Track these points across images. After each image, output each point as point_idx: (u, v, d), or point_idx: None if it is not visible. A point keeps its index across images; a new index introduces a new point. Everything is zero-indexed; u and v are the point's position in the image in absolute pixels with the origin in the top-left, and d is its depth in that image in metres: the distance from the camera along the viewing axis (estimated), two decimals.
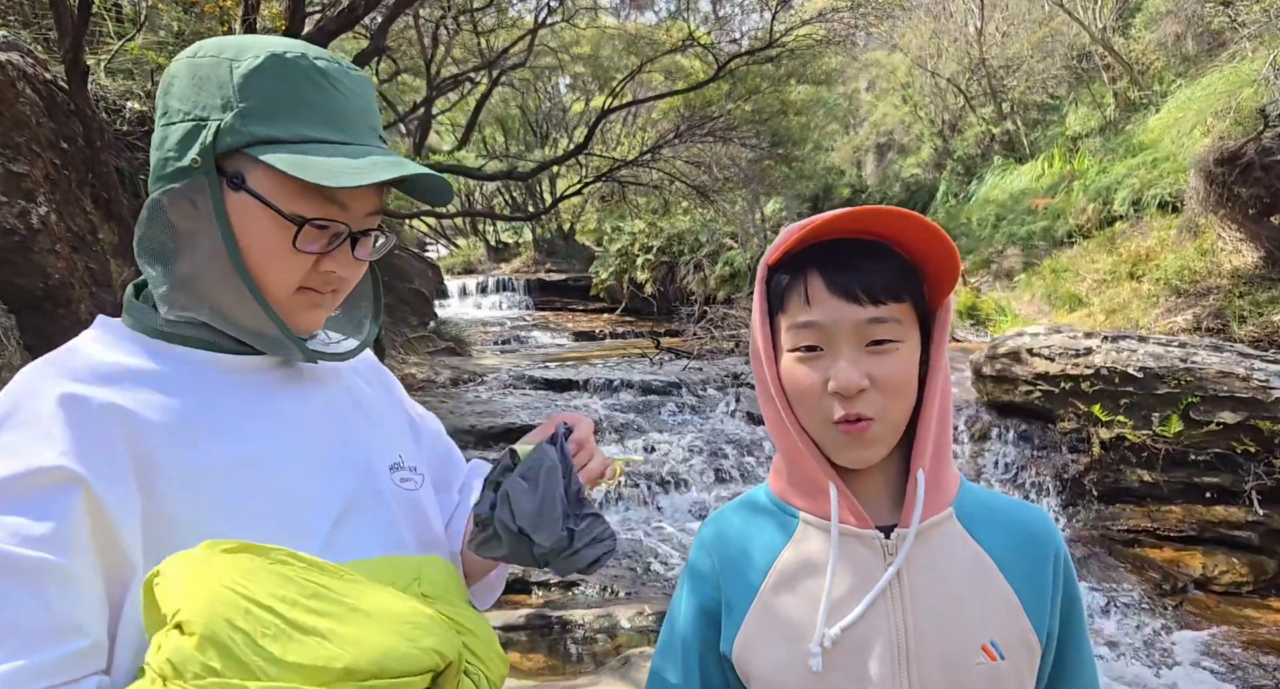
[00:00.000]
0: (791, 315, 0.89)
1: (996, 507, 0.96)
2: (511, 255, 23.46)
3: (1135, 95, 13.21)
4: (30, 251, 3.45)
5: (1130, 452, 5.45)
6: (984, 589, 0.88)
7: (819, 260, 0.88)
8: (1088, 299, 9.49)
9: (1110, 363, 5.49)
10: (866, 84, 21.49)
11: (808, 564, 0.91)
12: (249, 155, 0.79)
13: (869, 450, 0.88)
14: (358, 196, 0.84)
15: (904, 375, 0.87)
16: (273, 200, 0.80)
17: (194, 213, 0.82)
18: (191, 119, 0.80)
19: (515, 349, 13.79)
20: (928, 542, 0.89)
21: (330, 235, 0.84)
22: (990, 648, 0.86)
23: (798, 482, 0.94)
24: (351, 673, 0.62)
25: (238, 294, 0.82)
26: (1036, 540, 0.93)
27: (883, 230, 0.88)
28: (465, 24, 11.09)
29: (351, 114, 0.84)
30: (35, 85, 3.84)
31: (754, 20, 14.09)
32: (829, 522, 0.90)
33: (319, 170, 0.77)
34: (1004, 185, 14.20)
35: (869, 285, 0.86)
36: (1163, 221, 9.63)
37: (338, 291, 0.89)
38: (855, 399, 0.85)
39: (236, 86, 0.79)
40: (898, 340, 0.87)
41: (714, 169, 12.42)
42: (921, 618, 0.87)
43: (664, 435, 7.41)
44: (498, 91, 14.74)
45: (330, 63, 0.84)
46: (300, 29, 4.99)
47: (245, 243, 0.81)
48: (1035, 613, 0.89)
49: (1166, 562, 5.09)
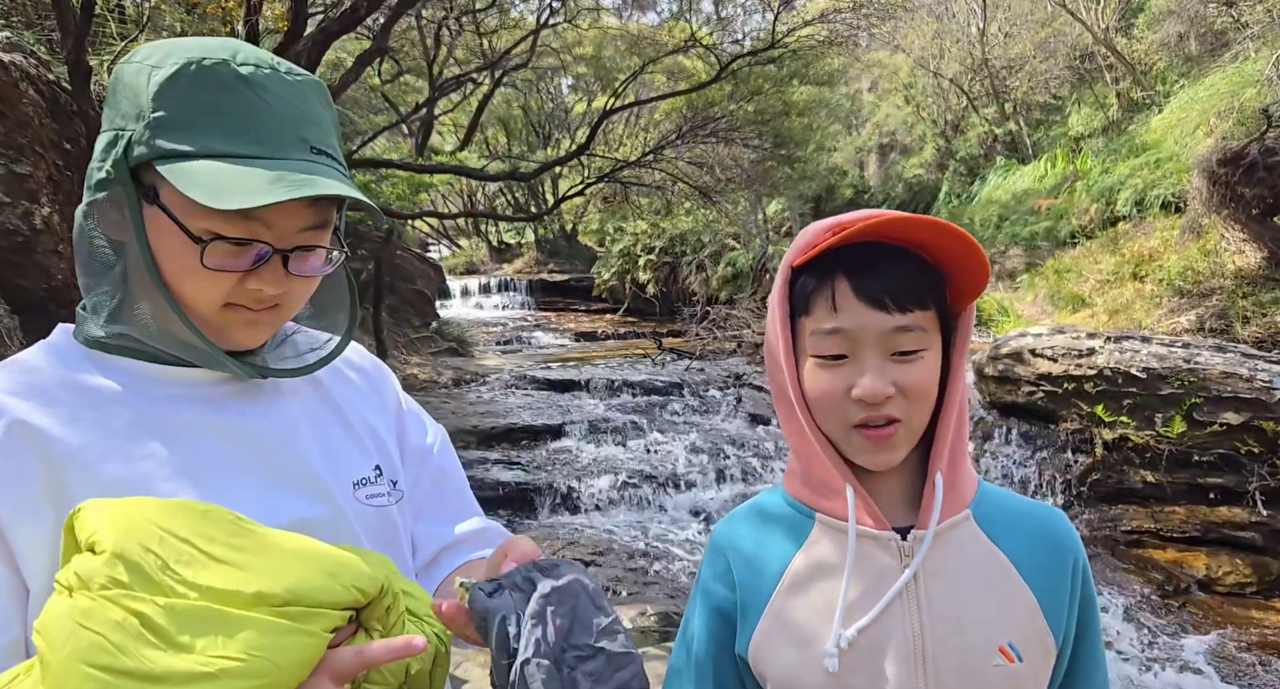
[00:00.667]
0: (817, 320, 0.88)
1: (1015, 508, 0.95)
2: (514, 256, 23.49)
3: (1138, 95, 13.19)
4: (33, 252, 3.46)
5: (1133, 452, 5.44)
6: (1002, 591, 0.88)
7: (846, 264, 0.86)
8: (1090, 300, 9.47)
9: (1113, 363, 5.48)
10: (869, 85, 21.49)
11: (823, 565, 0.91)
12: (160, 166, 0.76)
13: (891, 454, 0.88)
14: (283, 213, 0.77)
15: (928, 383, 0.87)
16: (181, 217, 0.75)
17: (121, 223, 0.79)
18: (112, 129, 0.78)
19: (517, 350, 13.79)
20: (945, 543, 0.89)
21: (253, 254, 0.78)
22: (1008, 650, 0.85)
23: (814, 483, 0.94)
24: (264, 598, 0.61)
25: (165, 311, 0.79)
26: (1056, 542, 0.92)
27: (910, 237, 0.87)
28: (468, 25, 11.10)
29: (274, 124, 0.78)
30: (38, 86, 3.85)
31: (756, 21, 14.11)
32: (845, 523, 0.90)
33: (207, 189, 0.72)
34: (1007, 186, 14.19)
35: (897, 293, 0.85)
36: (1166, 222, 9.61)
37: (278, 308, 0.83)
38: (880, 405, 0.85)
39: (150, 96, 0.75)
40: (923, 349, 0.86)
41: (716, 170, 12.42)
42: (938, 619, 0.86)
43: (666, 436, 7.41)
44: (500, 92, 14.75)
45: (260, 69, 0.79)
46: (303, 30, 4.99)
47: (162, 258, 0.78)
48: (1053, 615, 0.88)
49: (1170, 562, 5.08)
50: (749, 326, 11.44)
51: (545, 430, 7.43)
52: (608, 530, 5.87)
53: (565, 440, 7.34)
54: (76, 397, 0.77)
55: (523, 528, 5.86)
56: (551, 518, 6.08)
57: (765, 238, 15.75)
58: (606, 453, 7.08)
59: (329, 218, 0.83)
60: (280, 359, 0.90)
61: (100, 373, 0.80)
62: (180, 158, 0.75)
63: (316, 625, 0.63)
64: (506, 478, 6.37)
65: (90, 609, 0.56)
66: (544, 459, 6.90)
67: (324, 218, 0.82)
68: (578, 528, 5.89)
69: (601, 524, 6.00)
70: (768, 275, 15.61)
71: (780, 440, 7.18)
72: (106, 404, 0.78)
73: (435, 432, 1.07)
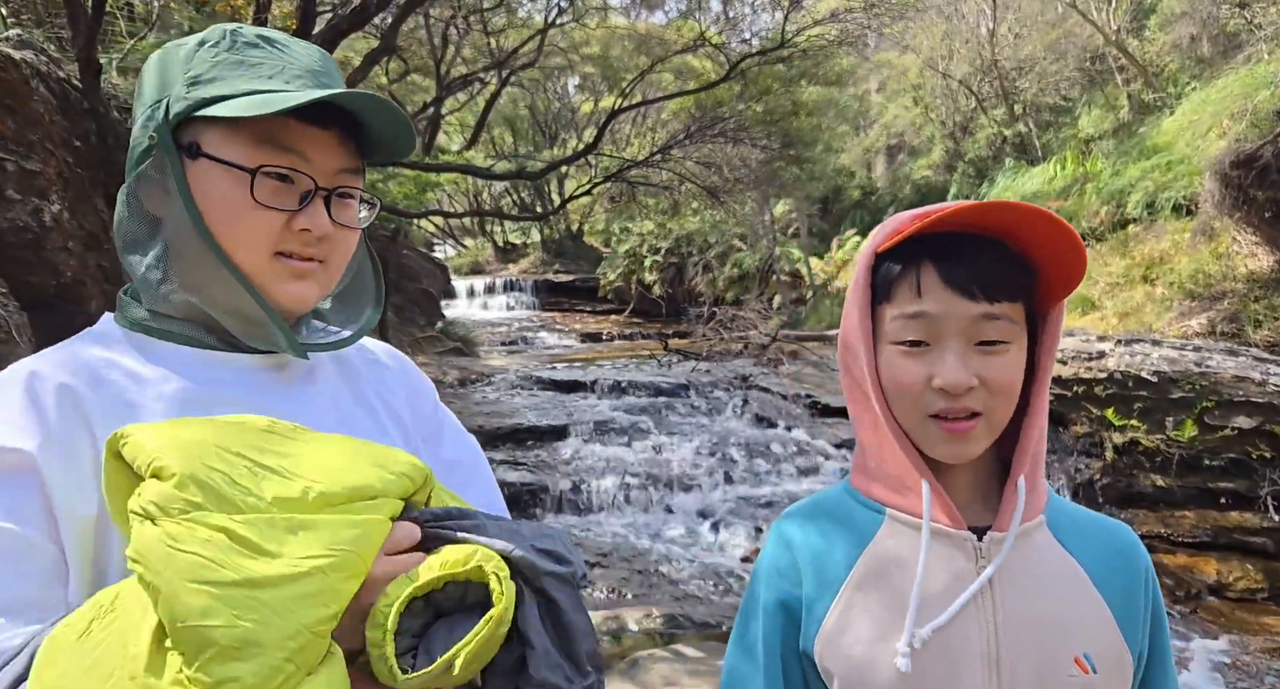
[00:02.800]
0: (899, 305, 0.86)
1: (1083, 519, 0.94)
2: (519, 256, 23.49)
3: (1149, 97, 13.12)
4: (42, 249, 3.46)
5: (1143, 456, 5.41)
6: (1077, 600, 0.86)
7: (933, 251, 0.85)
8: (1100, 302, 9.42)
9: (1124, 366, 5.44)
10: (877, 85, 21.45)
11: (895, 561, 0.88)
12: (201, 120, 0.80)
13: (969, 447, 0.85)
14: (320, 148, 0.82)
15: (1012, 377, 0.84)
16: (227, 157, 0.79)
17: (164, 197, 0.82)
18: (149, 105, 0.82)
19: (522, 350, 13.80)
20: (1020, 548, 0.86)
21: (299, 193, 0.82)
22: (1083, 660, 0.83)
23: (885, 478, 0.91)
24: (328, 498, 0.65)
25: (214, 273, 0.80)
26: (1128, 556, 0.91)
27: (1003, 226, 0.84)
28: (475, 24, 11.10)
29: (300, 71, 0.84)
30: (49, 84, 3.85)
31: (765, 20, 14.08)
32: (918, 519, 0.87)
33: (251, 104, 0.77)
34: (1016, 187, 14.14)
35: (985, 280, 0.82)
36: (1177, 225, 9.55)
37: (325, 262, 0.85)
38: (962, 396, 0.83)
39: (183, 62, 0.82)
40: (1008, 341, 0.84)
41: (724, 170, 12.38)
42: (1013, 625, 0.83)
43: (672, 437, 7.38)
44: (507, 91, 14.75)
45: (277, 34, 0.87)
46: (311, 28, 4.99)
47: (209, 210, 0.80)
48: (1128, 628, 0.86)
49: (1180, 568, 5.04)
50: (755, 328, 11.41)
51: (550, 431, 7.42)
52: (613, 532, 5.85)
53: (570, 441, 7.32)
54: (121, 376, 0.79)
55: None
56: (556, 519, 6.06)
57: (772, 238, 15.71)
58: (612, 454, 7.06)
59: (359, 165, 0.87)
60: (321, 337, 0.92)
61: (142, 356, 0.81)
62: (219, 101, 0.80)
63: (381, 513, 0.68)
64: (512, 478, 6.36)
65: (177, 533, 0.59)
66: (549, 460, 6.88)
67: (356, 163, 0.86)
68: (583, 529, 5.87)
69: (607, 525, 5.98)
70: (774, 276, 15.57)
71: (787, 443, 7.15)
72: (149, 385, 0.79)
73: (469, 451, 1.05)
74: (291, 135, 0.80)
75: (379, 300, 0.97)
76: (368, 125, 0.85)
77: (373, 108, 0.82)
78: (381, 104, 0.82)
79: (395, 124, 0.85)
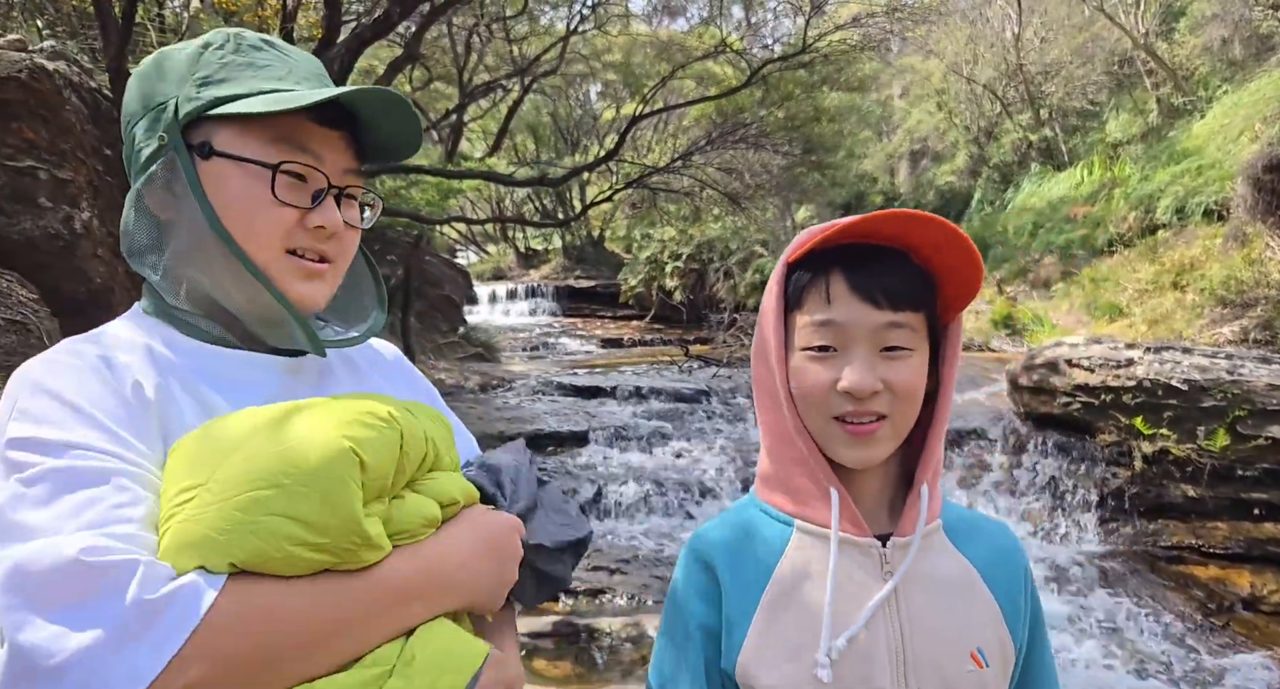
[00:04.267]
0: (809, 312, 0.90)
1: (973, 521, 0.99)
2: (541, 262, 23.58)
3: (1179, 101, 12.92)
4: (73, 256, 3.52)
5: (1174, 466, 5.30)
6: (971, 600, 0.91)
7: (841, 261, 0.88)
8: (1129, 309, 9.27)
9: (1153, 374, 5.34)
10: (900, 90, 21.31)
11: (806, 574, 0.90)
12: (213, 120, 0.81)
13: (873, 450, 0.88)
14: (330, 148, 0.84)
15: (915, 382, 0.88)
16: (245, 154, 0.80)
17: (172, 200, 0.82)
18: (151, 109, 0.83)
19: (543, 356, 13.83)
20: (921, 551, 0.91)
21: (312, 190, 0.83)
22: (978, 655, 0.88)
23: (791, 490, 0.93)
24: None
25: (229, 272, 0.81)
26: (1011, 555, 0.97)
27: (907, 239, 0.89)
28: (498, 32, 11.18)
29: (305, 74, 0.87)
30: (81, 93, 3.93)
31: (787, 26, 14.04)
32: (826, 529, 0.90)
33: (269, 101, 0.79)
34: (1041, 193, 13.98)
35: (890, 289, 0.87)
36: (1208, 230, 9.39)
37: (334, 262, 0.87)
38: (867, 400, 0.86)
39: (189, 63, 0.82)
40: (911, 348, 0.88)
41: (745, 176, 12.36)
42: (918, 627, 0.88)
43: (692, 443, 7.36)
44: (529, 98, 14.84)
45: (277, 39, 0.89)
46: (336, 37, 5.05)
47: (224, 208, 0.80)
48: (1013, 623, 0.92)
49: (1212, 580, 4.93)
50: None
51: (571, 437, 7.42)
52: (633, 538, 5.83)
53: (591, 447, 7.31)
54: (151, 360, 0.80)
55: None
56: None
57: None
58: (632, 460, 7.05)
59: (361, 167, 0.90)
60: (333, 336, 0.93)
61: (172, 348, 0.82)
62: (233, 100, 0.81)
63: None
64: None
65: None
66: (569, 465, 6.88)
67: (359, 165, 0.89)
68: (603, 535, 5.86)
69: (627, 531, 5.97)
70: None
71: None
72: (174, 374, 0.80)
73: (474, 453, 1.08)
74: (306, 134, 0.82)
75: (383, 302, 0.99)
76: (373, 128, 0.87)
77: (387, 106, 0.84)
78: (397, 100, 0.84)
79: (404, 124, 0.87)
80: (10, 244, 3.28)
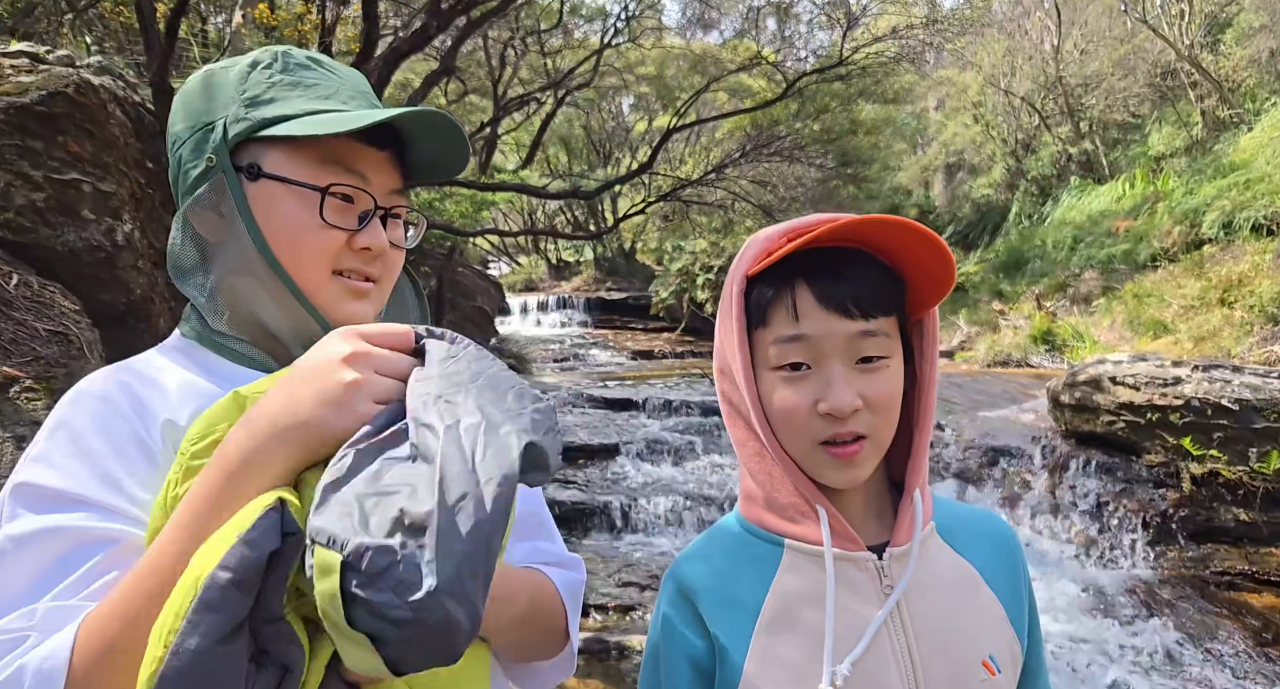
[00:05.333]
0: (776, 329, 0.84)
1: (967, 516, 0.93)
2: (572, 273, 23.66)
3: (1225, 114, 12.63)
4: (115, 267, 3.57)
5: (1225, 488, 5.12)
6: (975, 604, 0.86)
7: (804, 270, 0.82)
8: (1173, 326, 9.03)
9: (1202, 393, 5.18)
10: (936, 103, 21.11)
11: (801, 596, 0.84)
12: (261, 141, 0.80)
13: (858, 470, 0.84)
14: (376, 170, 0.84)
15: (894, 394, 0.84)
16: (294, 177, 0.80)
17: (219, 221, 0.82)
18: (199, 129, 0.82)
19: (574, 367, 13.83)
20: (918, 559, 0.85)
21: (359, 211, 0.83)
22: (989, 663, 0.83)
23: (777, 507, 0.88)
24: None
25: (275, 294, 0.81)
26: (1008, 548, 0.91)
27: (871, 240, 0.83)
28: (532, 45, 11.28)
29: (352, 91, 0.87)
30: (125, 107, 4.00)
31: (821, 38, 14.00)
32: (818, 548, 0.84)
33: (330, 124, 0.78)
34: (1081, 206, 13.72)
35: (860, 297, 0.81)
36: (1257, 245, 9.12)
37: (379, 282, 0.86)
38: (847, 419, 0.81)
39: (236, 83, 0.82)
40: (887, 356, 0.83)
41: (779, 188, 12.31)
42: (925, 640, 0.82)
43: (724, 457, 7.28)
44: (562, 111, 14.94)
45: (323, 57, 0.89)
46: (374, 51, 5.11)
47: (272, 230, 0.80)
48: (1017, 621, 0.88)
49: (1267, 608, 4.74)
50: None
51: (602, 450, 7.38)
52: (664, 553, 5.77)
53: (621, 460, 7.27)
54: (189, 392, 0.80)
55: (579, 548, 5.81)
56: (607, 539, 6.01)
57: None
58: (663, 473, 6.99)
59: (405, 186, 0.89)
60: None
61: (209, 377, 0.81)
62: (281, 122, 0.80)
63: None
64: (563, 497, 6.33)
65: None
66: (600, 479, 6.85)
67: (403, 184, 0.88)
68: (633, 549, 5.81)
69: (659, 546, 5.91)
70: None
71: None
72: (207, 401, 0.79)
73: None
74: (353, 156, 0.82)
75: (425, 317, 0.98)
76: (419, 147, 0.87)
77: (435, 127, 0.84)
78: (446, 121, 0.83)
79: (450, 144, 0.86)
80: (54, 255, 3.34)
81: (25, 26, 5.51)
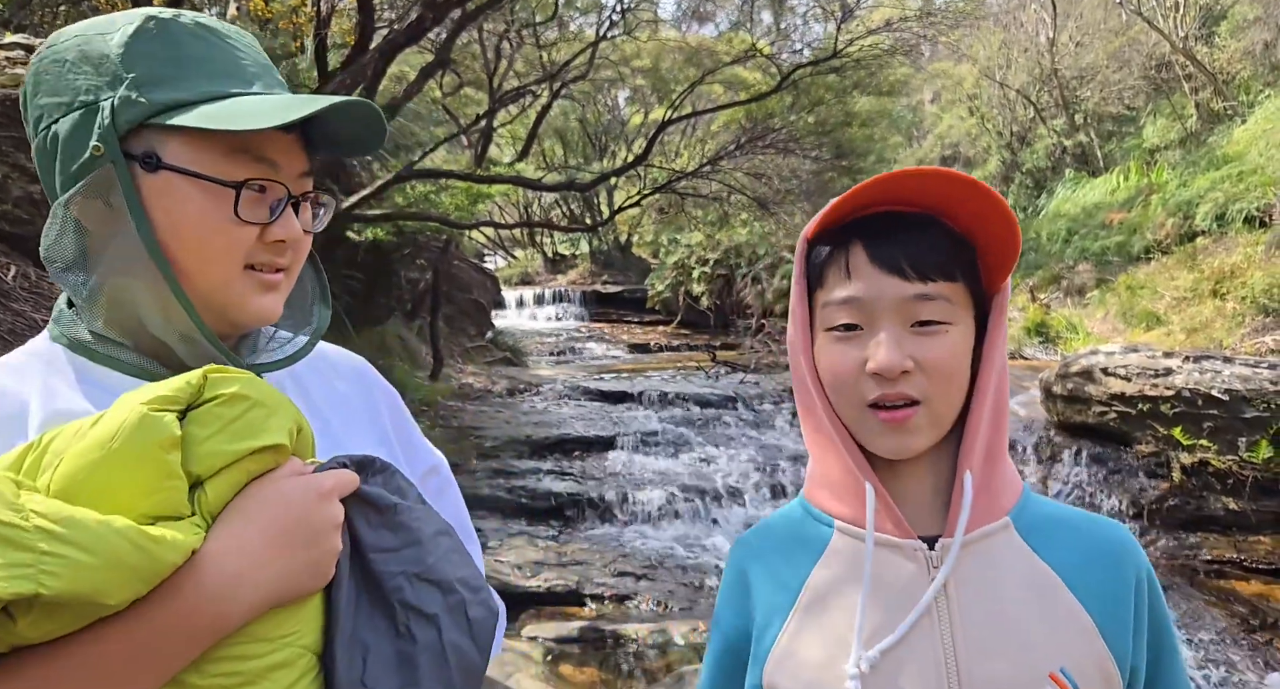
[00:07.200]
0: (829, 290, 0.82)
1: (1065, 519, 0.85)
2: (568, 267, 23.64)
3: (1219, 106, 12.66)
4: None
5: (1214, 478, 5.17)
6: (1050, 609, 0.78)
7: (863, 232, 0.81)
8: (1166, 317, 9.08)
9: (1193, 384, 5.22)
10: (931, 95, 21.13)
11: (842, 578, 0.83)
12: (157, 127, 0.71)
13: (910, 439, 0.80)
14: (287, 155, 0.77)
15: (953, 359, 0.79)
16: (201, 170, 0.72)
17: (107, 212, 0.73)
18: (77, 107, 0.71)
19: (570, 360, 13.85)
20: (980, 554, 0.80)
21: (271, 201, 0.76)
22: (1060, 676, 0.75)
23: (831, 484, 0.86)
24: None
25: (165, 295, 0.73)
26: (1114, 558, 0.82)
27: (935, 202, 0.81)
28: (528, 38, 11.25)
29: (250, 65, 0.78)
30: None
31: (817, 30, 13.99)
32: (863, 530, 0.82)
33: (242, 116, 0.70)
34: (1076, 199, 13.76)
35: (916, 258, 0.78)
36: (1249, 237, 9.17)
37: (285, 273, 0.80)
38: (897, 381, 0.78)
39: (119, 57, 0.71)
40: (947, 322, 0.79)
41: (774, 181, 12.31)
42: (972, 640, 0.77)
43: (719, 450, 7.32)
44: (558, 104, 14.89)
45: (209, 19, 0.78)
46: (369, 43, 5.11)
47: (174, 227, 0.72)
48: (1115, 638, 0.78)
49: (1255, 596, 4.80)
50: None
51: (598, 442, 7.42)
52: (659, 544, 5.81)
53: (617, 452, 7.30)
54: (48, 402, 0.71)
55: (574, 539, 5.85)
56: (603, 529, 6.05)
57: None
58: (659, 465, 7.03)
59: (313, 166, 0.82)
60: (267, 348, 0.85)
61: (81, 385, 0.73)
62: (180, 107, 0.71)
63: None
64: (559, 488, 6.37)
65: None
66: (596, 470, 6.88)
67: (311, 165, 0.81)
68: (629, 540, 5.84)
69: (654, 537, 5.94)
70: None
71: None
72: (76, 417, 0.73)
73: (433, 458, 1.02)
74: (262, 143, 0.74)
75: (325, 296, 0.91)
76: (328, 122, 0.79)
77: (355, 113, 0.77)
78: (369, 110, 0.77)
79: (368, 126, 0.80)
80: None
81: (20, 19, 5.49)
